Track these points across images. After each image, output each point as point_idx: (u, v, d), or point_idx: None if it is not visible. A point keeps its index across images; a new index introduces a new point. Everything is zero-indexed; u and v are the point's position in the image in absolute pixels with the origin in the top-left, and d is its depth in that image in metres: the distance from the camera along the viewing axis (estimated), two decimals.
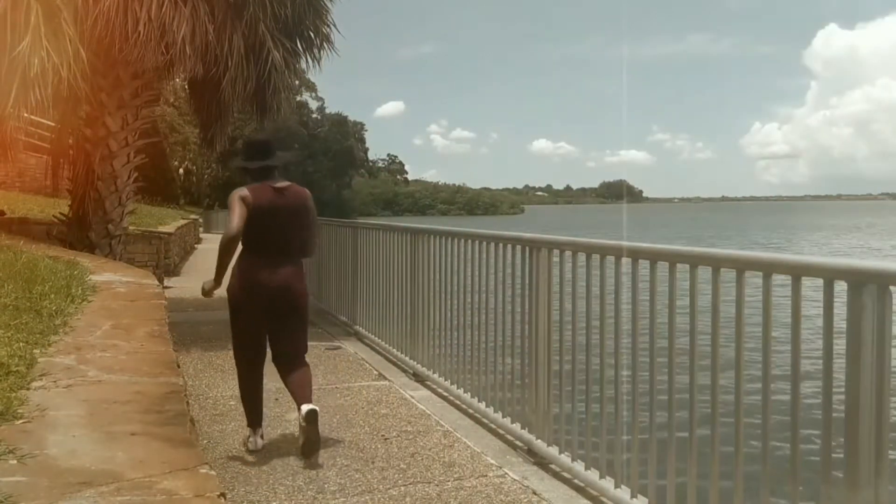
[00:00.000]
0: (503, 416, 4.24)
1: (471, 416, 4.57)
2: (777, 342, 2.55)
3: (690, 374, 2.82)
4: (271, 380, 5.47)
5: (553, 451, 3.71)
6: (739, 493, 2.57)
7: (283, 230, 3.96)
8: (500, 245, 4.36)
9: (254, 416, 4.06)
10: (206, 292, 4.00)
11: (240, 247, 3.95)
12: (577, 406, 3.60)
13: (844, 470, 2.20)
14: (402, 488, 3.46)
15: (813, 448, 2.43)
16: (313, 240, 4.24)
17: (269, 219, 3.90)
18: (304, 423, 3.75)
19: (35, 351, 3.14)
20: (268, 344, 4.10)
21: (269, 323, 4.01)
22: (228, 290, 3.99)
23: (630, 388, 3.17)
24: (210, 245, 23.73)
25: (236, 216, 3.82)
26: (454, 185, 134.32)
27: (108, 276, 5.82)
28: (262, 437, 4.04)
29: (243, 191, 3.90)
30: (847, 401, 2.19)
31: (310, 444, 3.76)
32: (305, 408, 3.78)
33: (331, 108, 79.40)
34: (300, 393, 3.91)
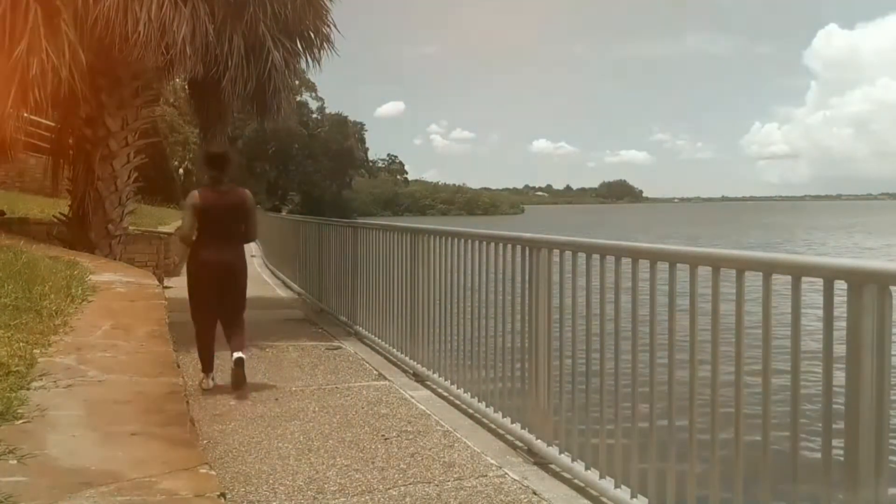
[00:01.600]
0: (503, 416, 4.24)
1: (471, 416, 4.57)
2: (777, 342, 2.55)
3: (690, 374, 2.82)
4: (272, 379, 5.49)
5: (553, 451, 3.71)
6: (739, 493, 2.57)
7: (225, 222, 5.25)
8: (500, 245, 4.36)
9: (207, 364, 5.28)
10: (183, 238, 5.35)
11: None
12: (578, 406, 3.60)
13: (844, 470, 2.20)
14: (402, 488, 3.46)
15: (813, 448, 2.43)
16: (252, 229, 5.47)
17: (213, 213, 5.19)
18: (233, 367, 5.04)
19: (35, 351, 3.14)
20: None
21: (217, 290, 5.23)
22: (187, 267, 5.33)
23: (630, 389, 3.17)
24: None
25: (188, 218, 5.24)
26: (454, 185, 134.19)
27: (108, 276, 5.83)
28: (213, 379, 5.23)
29: (194, 196, 5.25)
30: (847, 401, 2.20)
31: (237, 381, 5.01)
32: (236, 355, 5.07)
33: (331, 108, 79.34)
34: (233, 343, 5.20)
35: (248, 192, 5.46)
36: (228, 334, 5.27)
